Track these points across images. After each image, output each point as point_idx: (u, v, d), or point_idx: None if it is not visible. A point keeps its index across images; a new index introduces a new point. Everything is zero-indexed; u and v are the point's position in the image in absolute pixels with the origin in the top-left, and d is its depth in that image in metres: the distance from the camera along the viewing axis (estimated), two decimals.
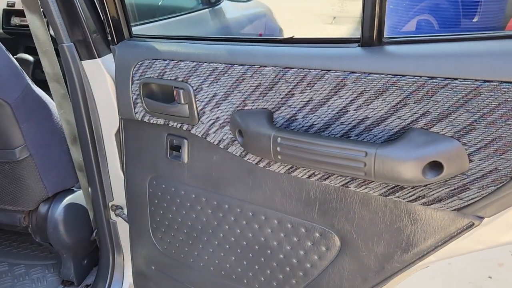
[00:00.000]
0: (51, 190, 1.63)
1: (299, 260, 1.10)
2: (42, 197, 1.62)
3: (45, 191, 1.61)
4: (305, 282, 1.12)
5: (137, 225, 1.45)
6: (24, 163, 1.53)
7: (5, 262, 1.90)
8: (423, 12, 2.63)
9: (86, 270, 1.82)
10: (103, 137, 1.48)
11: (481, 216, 0.82)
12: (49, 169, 1.60)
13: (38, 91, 1.52)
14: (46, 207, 1.64)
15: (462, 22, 2.87)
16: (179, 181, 1.25)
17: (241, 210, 1.15)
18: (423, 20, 2.64)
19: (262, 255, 1.16)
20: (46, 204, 1.64)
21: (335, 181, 0.96)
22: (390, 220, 0.93)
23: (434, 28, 2.79)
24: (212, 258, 1.28)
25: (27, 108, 1.47)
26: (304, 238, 1.07)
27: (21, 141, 1.49)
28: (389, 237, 0.95)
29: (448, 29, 2.79)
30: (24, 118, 1.46)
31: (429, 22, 2.75)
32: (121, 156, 1.43)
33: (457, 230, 0.86)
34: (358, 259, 1.01)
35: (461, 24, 2.86)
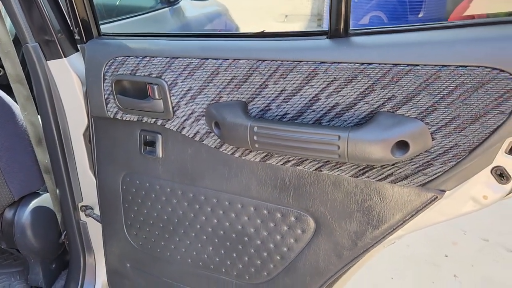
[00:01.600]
0: (17, 194, 1.59)
1: (276, 245, 1.15)
2: (7, 201, 1.58)
3: (11, 196, 1.57)
4: (282, 266, 1.17)
5: (110, 224, 1.45)
6: None
7: None
8: (374, 9, 2.78)
9: (55, 274, 1.78)
10: (71, 137, 1.46)
11: (443, 190, 0.91)
12: (14, 173, 1.56)
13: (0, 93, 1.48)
14: (12, 211, 1.60)
15: (409, 17, 3.08)
16: (153, 176, 1.26)
17: (218, 200, 1.19)
18: (374, 16, 2.79)
19: (240, 242, 1.20)
20: (12, 208, 1.60)
21: (309, 166, 1.02)
22: (361, 199, 1.00)
23: (384, 23, 2.96)
24: (189, 250, 1.30)
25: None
26: (280, 223, 1.12)
27: None
28: (361, 216, 1.01)
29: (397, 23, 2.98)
30: None
31: (380, 18, 2.91)
32: (91, 155, 1.42)
33: (422, 204, 0.94)
34: (332, 238, 1.07)
35: (408, 19, 3.07)
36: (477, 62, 0.76)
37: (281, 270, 1.18)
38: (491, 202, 0.89)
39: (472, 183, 0.88)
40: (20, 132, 1.54)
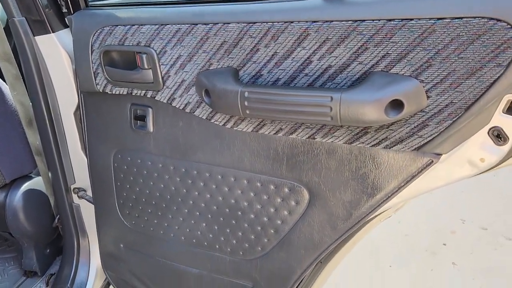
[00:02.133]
0: (8, 177, 1.56)
1: (270, 218, 1.13)
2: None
3: (2, 178, 1.55)
4: (276, 240, 1.15)
5: (103, 204, 1.43)
6: None
7: None
8: None
9: (50, 259, 1.76)
10: (62, 117, 1.44)
11: (439, 153, 0.88)
12: (5, 155, 1.54)
13: None
14: (4, 194, 1.58)
15: None
16: (145, 151, 1.24)
17: (210, 174, 1.17)
18: None
19: (233, 217, 1.18)
20: (3, 191, 1.58)
21: (302, 133, 1.00)
22: (355, 167, 0.98)
23: None
24: (182, 228, 1.28)
25: None
26: (274, 195, 1.10)
27: None
28: (355, 184, 0.99)
29: None
30: None
31: None
32: (82, 134, 1.40)
33: (417, 169, 0.92)
34: (326, 209, 1.05)
35: None
36: (473, 13, 0.74)
37: (275, 244, 1.16)
38: (489, 165, 0.86)
39: (468, 145, 0.86)
40: (9, 113, 1.52)
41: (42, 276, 1.71)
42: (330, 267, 1.32)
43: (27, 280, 1.70)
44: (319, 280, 1.35)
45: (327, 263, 1.30)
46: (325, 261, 1.30)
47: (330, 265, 1.31)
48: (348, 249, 1.26)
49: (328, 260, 1.29)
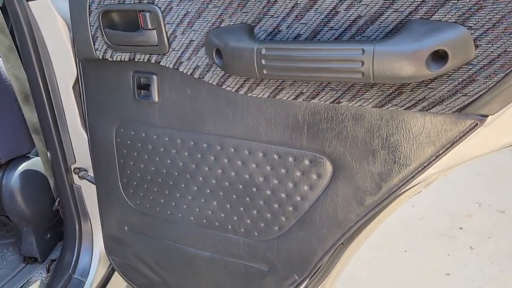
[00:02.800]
0: (4, 156, 1.47)
1: (288, 194, 1.03)
2: None
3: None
4: (295, 218, 1.04)
5: (105, 184, 1.32)
6: None
7: None
8: None
9: (50, 245, 1.67)
10: (60, 91, 1.34)
11: (485, 114, 0.77)
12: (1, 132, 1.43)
13: None
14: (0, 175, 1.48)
15: None
16: (150, 124, 1.13)
17: (222, 147, 1.06)
18: None
19: (247, 194, 1.08)
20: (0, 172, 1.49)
21: (325, 97, 0.88)
22: (386, 134, 0.87)
23: None
24: (191, 207, 1.18)
25: None
26: (293, 168, 0.99)
27: None
28: (386, 153, 0.88)
29: None
30: None
31: None
32: (82, 108, 1.29)
33: (459, 134, 0.80)
34: (352, 182, 0.94)
35: None
36: None
37: (294, 223, 1.05)
38: None
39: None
40: (4, 87, 1.42)
41: (42, 263, 1.62)
42: (352, 249, 1.21)
43: (27, 267, 1.61)
44: (340, 263, 1.25)
45: (349, 245, 1.20)
46: (347, 242, 1.19)
47: (352, 247, 1.21)
48: (372, 229, 1.16)
49: (350, 242, 1.19)
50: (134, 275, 1.43)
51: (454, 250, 2.62)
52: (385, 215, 1.12)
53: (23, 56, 1.29)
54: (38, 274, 1.57)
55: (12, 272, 1.57)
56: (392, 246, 2.66)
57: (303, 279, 1.11)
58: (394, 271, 2.48)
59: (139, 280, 1.43)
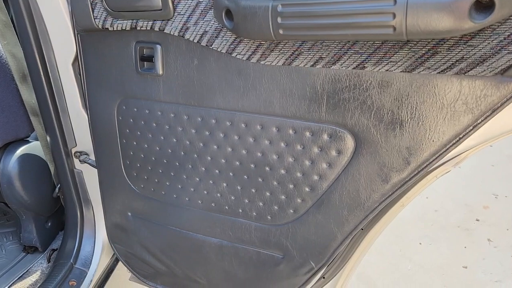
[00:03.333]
0: (1, 140, 1.39)
1: (305, 173, 0.94)
2: None
3: None
4: (313, 200, 0.96)
5: (106, 167, 1.24)
6: None
7: None
8: None
9: (52, 234, 1.59)
10: (59, 70, 1.26)
11: None
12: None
13: None
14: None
15: None
16: (153, 99, 1.05)
17: (232, 122, 0.97)
18: None
19: (260, 174, 0.99)
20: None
21: (348, 61, 0.79)
22: (417, 102, 0.78)
23: None
24: (199, 190, 1.09)
25: None
26: (310, 144, 0.90)
27: None
28: (416, 124, 0.79)
29: None
30: None
31: None
32: (82, 86, 1.21)
33: (501, 100, 0.71)
34: (377, 158, 0.85)
35: None
36: None
37: (311, 205, 0.96)
38: None
39: None
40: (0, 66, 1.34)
41: (43, 252, 1.54)
42: (372, 236, 1.12)
43: (27, 256, 1.53)
44: (358, 251, 1.16)
45: (369, 231, 1.11)
46: (367, 227, 1.10)
47: (372, 234, 1.12)
48: (393, 213, 1.06)
49: (370, 227, 1.10)
50: (138, 264, 1.35)
51: (471, 242, 2.52)
52: (409, 197, 1.02)
53: (19, 32, 1.21)
54: (39, 264, 1.50)
55: (11, 262, 1.50)
56: (406, 239, 2.57)
57: (320, 266, 1.02)
58: (408, 264, 2.39)
59: (143, 269, 1.35)
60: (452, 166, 0.97)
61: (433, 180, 1.00)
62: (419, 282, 2.25)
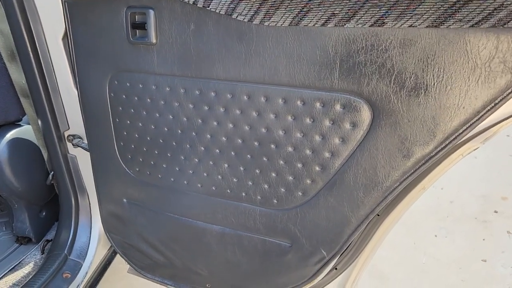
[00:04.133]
0: None
1: (315, 150, 0.83)
2: None
3: None
4: (324, 180, 0.85)
5: (100, 149, 1.15)
6: None
7: None
8: None
9: (46, 224, 1.51)
10: (48, 46, 1.17)
11: None
12: None
13: None
14: None
15: None
16: (147, 72, 0.95)
17: (233, 95, 0.87)
18: None
19: (264, 153, 0.89)
20: None
21: (364, 18, 0.69)
22: (445, 62, 0.67)
23: None
24: (198, 172, 1.00)
25: None
26: (321, 116, 0.80)
27: None
28: (444, 89, 0.68)
29: None
30: None
31: None
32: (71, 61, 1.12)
33: None
34: (397, 131, 0.75)
35: None
36: None
37: (322, 186, 0.86)
38: None
39: None
40: None
41: (37, 243, 1.46)
42: (389, 223, 1.02)
43: (20, 248, 1.45)
44: (374, 241, 1.06)
45: (386, 217, 1.00)
46: (384, 213, 1.00)
47: (389, 221, 1.01)
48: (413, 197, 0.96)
49: (387, 213, 0.99)
50: (136, 255, 1.26)
51: (490, 235, 2.39)
52: (431, 179, 0.92)
53: (5, 6, 1.12)
54: (32, 255, 1.41)
55: (3, 253, 1.41)
56: (419, 231, 2.45)
57: (332, 255, 0.92)
58: (422, 257, 2.27)
59: (141, 261, 1.25)
60: (480, 142, 0.87)
61: (458, 160, 0.89)
62: (435, 276, 2.14)
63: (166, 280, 1.24)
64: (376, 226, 1.01)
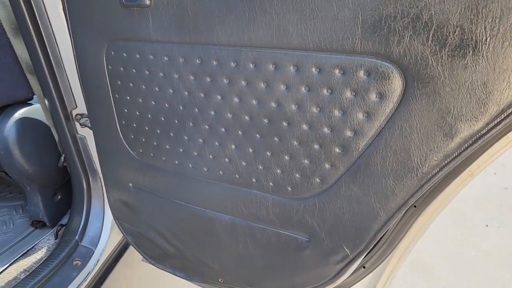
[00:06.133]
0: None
1: (334, 128, 0.69)
2: None
3: None
4: (345, 165, 0.70)
5: (102, 129, 1.05)
6: None
7: None
8: None
9: (61, 208, 1.45)
10: (49, 17, 1.07)
11: None
12: None
13: None
14: None
15: None
16: (144, 39, 0.83)
17: (238, 63, 0.73)
18: None
19: (276, 132, 0.75)
20: None
21: None
22: (504, 9, 0.50)
23: None
24: (203, 154, 0.87)
25: None
26: (341, 86, 0.65)
27: None
28: (500, 45, 0.52)
29: None
30: None
31: None
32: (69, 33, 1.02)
33: None
34: (437, 103, 0.59)
35: None
36: None
37: (344, 172, 0.71)
38: None
39: None
40: None
41: (52, 227, 1.40)
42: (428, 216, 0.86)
43: (35, 232, 1.40)
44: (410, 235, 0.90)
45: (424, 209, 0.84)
46: (422, 205, 0.84)
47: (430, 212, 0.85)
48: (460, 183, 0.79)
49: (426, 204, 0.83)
50: (146, 244, 1.16)
51: None
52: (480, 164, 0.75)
53: None
54: (46, 240, 1.36)
55: (17, 237, 1.36)
56: (468, 221, 2.24)
57: (357, 254, 0.78)
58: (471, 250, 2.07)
59: (151, 250, 1.16)
60: None
61: (508, 147, 0.72)
62: (485, 270, 1.93)
63: (177, 272, 1.14)
64: (412, 219, 0.85)
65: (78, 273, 1.21)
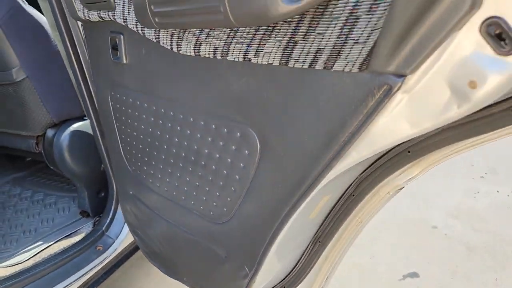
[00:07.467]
0: (55, 116, 1.62)
1: (228, 170, 0.88)
2: (47, 122, 1.63)
3: (49, 116, 1.61)
4: (239, 198, 0.89)
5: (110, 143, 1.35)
6: (23, 85, 1.54)
7: (41, 192, 1.99)
8: None
9: (103, 203, 1.80)
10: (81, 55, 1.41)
11: (400, 74, 0.52)
12: (50, 93, 1.59)
13: (29, 9, 1.50)
14: (53, 132, 1.65)
15: None
16: (127, 88, 1.10)
17: (174, 112, 0.97)
18: None
19: (199, 167, 0.96)
20: (53, 130, 1.65)
21: (236, 52, 0.72)
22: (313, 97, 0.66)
23: None
24: (163, 177, 1.11)
25: (18, 26, 1.46)
26: (227, 141, 0.84)
27: (16, 62, 1.50)
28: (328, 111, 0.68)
29: None
30: (16, 37, 1.46)
31: None
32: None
33: (375, 101, 0.56)
34: (276, 160, 0.75)
35: None
36: None
37: (239, 204, 0.90)
38: (485, 96, 0.47)
39: (448, 55, 0.48)
40: (53, 52, 1.56)
41: (93, 218, 1.76)
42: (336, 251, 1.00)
43: (81, 219, 1.77)
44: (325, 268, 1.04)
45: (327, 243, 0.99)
46: (325, 240, 0.98)
47: (336, 248, 0.99)
48: (354, 229, 0.92)
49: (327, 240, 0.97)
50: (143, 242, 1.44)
51: None
52: (366, 214, 0.88)
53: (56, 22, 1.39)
54: (86, 227, 1.71)
55: (67, 221, 1.75)
56: None
57: (253, 272, 0.95)
58: None
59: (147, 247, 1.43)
60: (404, 182, 0.81)
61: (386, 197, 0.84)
62: None
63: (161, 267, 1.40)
64: (318, 253, 1.00)
65: (98, 256, 1.53)
